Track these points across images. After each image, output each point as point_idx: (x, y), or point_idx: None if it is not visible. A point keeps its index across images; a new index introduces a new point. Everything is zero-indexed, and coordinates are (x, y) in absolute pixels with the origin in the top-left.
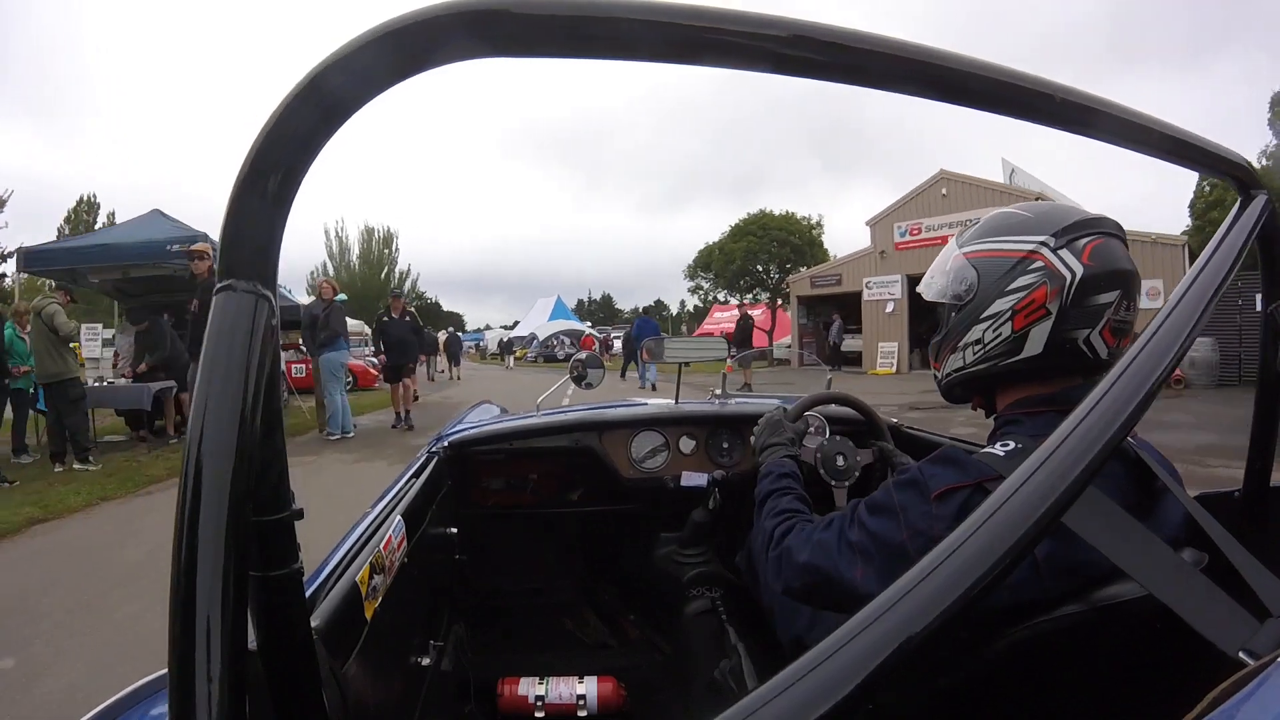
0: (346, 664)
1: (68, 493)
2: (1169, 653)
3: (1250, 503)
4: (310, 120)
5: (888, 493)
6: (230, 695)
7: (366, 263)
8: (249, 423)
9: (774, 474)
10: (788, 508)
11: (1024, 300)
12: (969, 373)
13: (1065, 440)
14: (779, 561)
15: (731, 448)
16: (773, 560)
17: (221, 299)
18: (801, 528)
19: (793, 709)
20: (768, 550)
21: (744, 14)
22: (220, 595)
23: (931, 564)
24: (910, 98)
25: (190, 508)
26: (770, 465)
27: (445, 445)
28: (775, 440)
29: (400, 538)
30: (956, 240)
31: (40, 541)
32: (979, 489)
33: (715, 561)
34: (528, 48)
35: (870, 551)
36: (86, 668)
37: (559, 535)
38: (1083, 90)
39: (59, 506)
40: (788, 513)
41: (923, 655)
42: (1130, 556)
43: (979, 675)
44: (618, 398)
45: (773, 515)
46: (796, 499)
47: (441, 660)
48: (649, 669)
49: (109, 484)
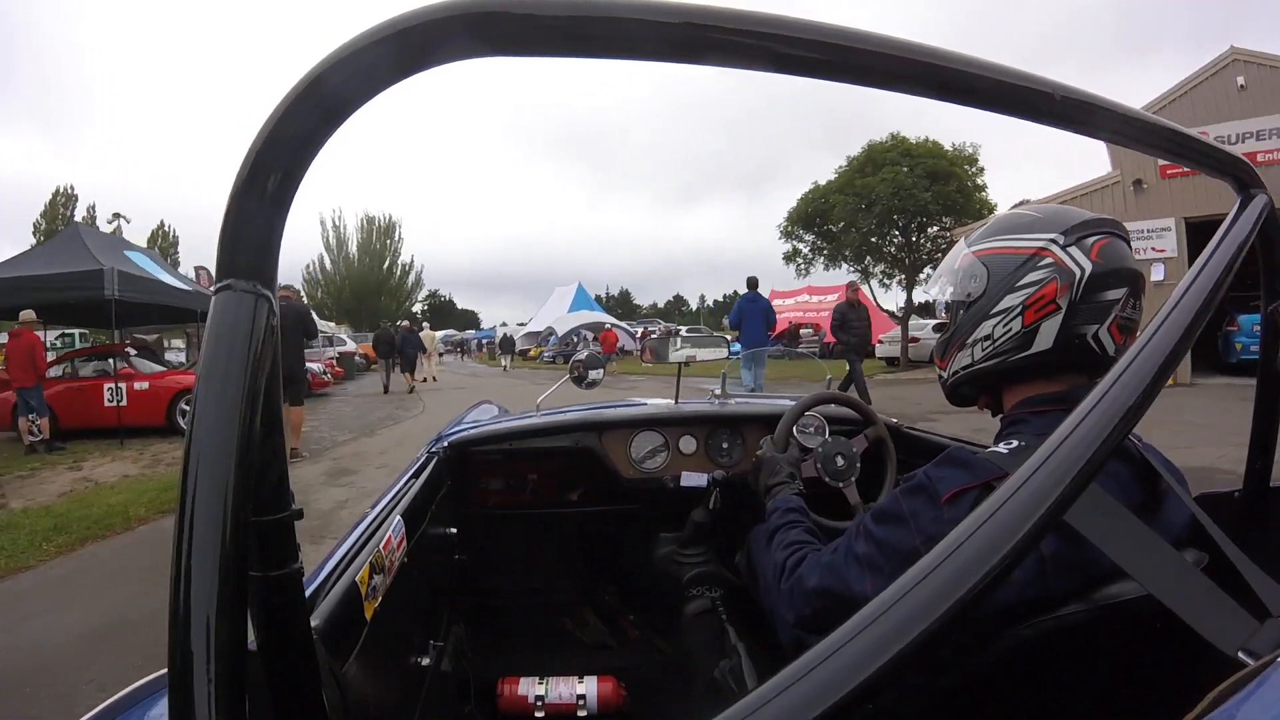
0: (346, 664)
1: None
2: (1169, 653)
3: (1250, 503)
4: (310, 120)
5: (895, 500)
6: (230, 695)
7: (367, 253)
8: (249, 423)
9: (780, 510)
10: (796, 539)
11: (1034, 295)
12: (977, 369)
13: (1068, 438)
14: (791, 593)
15: (731, 448)
16: (785, 593)
17: (221, 299)
18: (811, 556)
19: (793, 709)
20: (779, 583)
21: (744, 13)
22: (220, 595)
23: (932, 563)
24: (913, 97)
25: (190, 508)
26: (775, 503)
27: (445, 445)
28: (775, 481)
29: (400, 538)
30: (965, 240)
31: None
32: (987, 488)
33: (715, 561)
34: (527, 47)
35: (879, 562)
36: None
37: (559, 535)
38: (1083, 89)
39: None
40: (797, 544)
41: (924, 654)
42: (1131, 555)
43: (980, 675)
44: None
45: (782, 548)
46: (805, 531)
47: (441, 660)
48: (649, 669)
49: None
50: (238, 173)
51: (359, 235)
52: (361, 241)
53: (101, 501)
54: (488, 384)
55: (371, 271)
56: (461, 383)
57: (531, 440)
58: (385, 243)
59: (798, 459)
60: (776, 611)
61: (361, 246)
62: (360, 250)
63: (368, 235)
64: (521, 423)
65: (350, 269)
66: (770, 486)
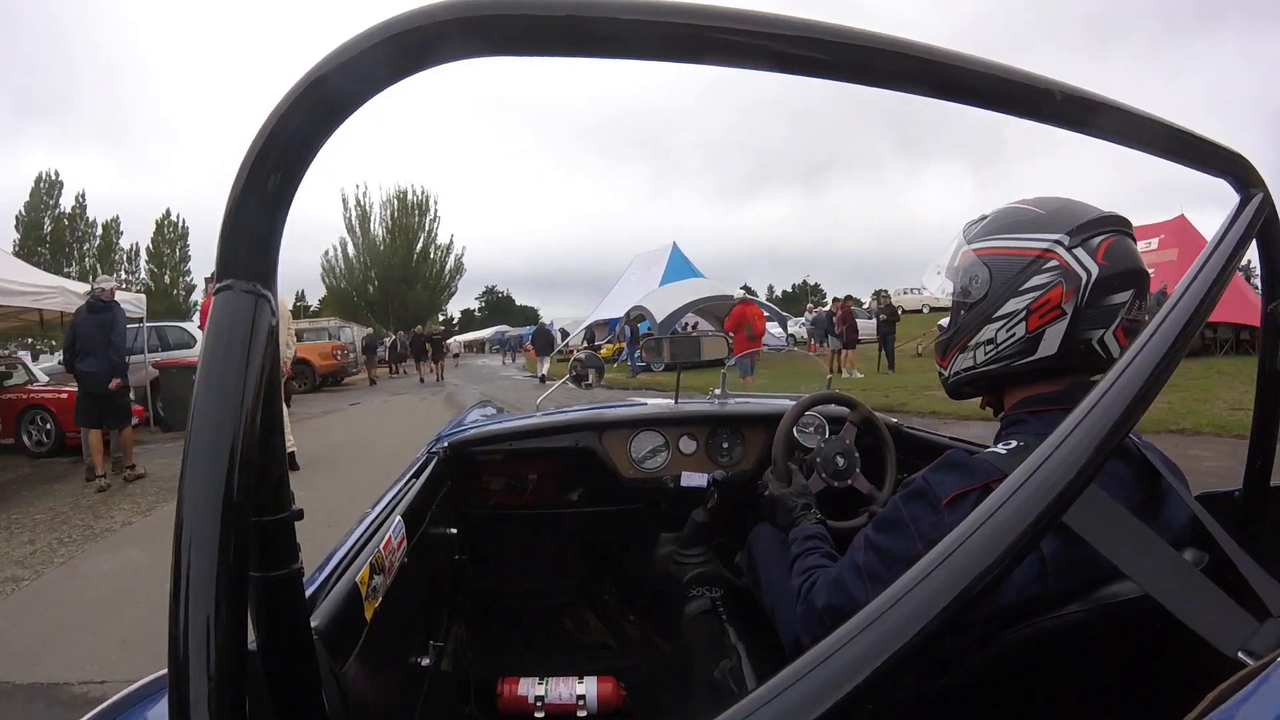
0: (346, 664)
1: None
2: (1169, 653)
3: (1250, 503)
4: (310, 120)
5: (895, 507)
6: (230, 695)
7: (400, 231)
8: (248, 423)
9: (799, 539)
10: (813, 564)
11: (1039, 300)
12: (979, 372)
13: (1066, 439)
14: (805, 617)
15: (731, 448)
16: (800, 618)
17: (221, 299)
18: (821, 577)
19: (793, 709)
20: (796, 607)
21: (744, 13)
22: (220, 595)
23: (932, 564)
24: (915, 96)
25: (190, 508)
26: (795, 533)
27: (445, 446)
28: (791, 519)
29: (400, 538)
30: (965, 235)
31: None
32: (986, 490)
33: (715, 561)
34: (526, 47)
35: (879, 572)
36: None
37: (559, 535)
38: (1083, 88)
39: None
40: (811, 569)
41: (924, 655)
42: (1129, 556)
43: (980, 675)
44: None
45: (799, 574)
46: (823, 555)
47: (441, 660)
48: (649, 669)
49: None
50: (237, 173)
51: (385, 213)
52: (392, 219)
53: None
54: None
55: (399, 256)
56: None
57: (532, 440)
58: (417, 219)
59: (804, 485)
60: (794, 635)
61: (391, 227)
62: (388, 231)
63: (400, 210)
64: (521, 423)
65: (374, 254)
66: (789, 524)
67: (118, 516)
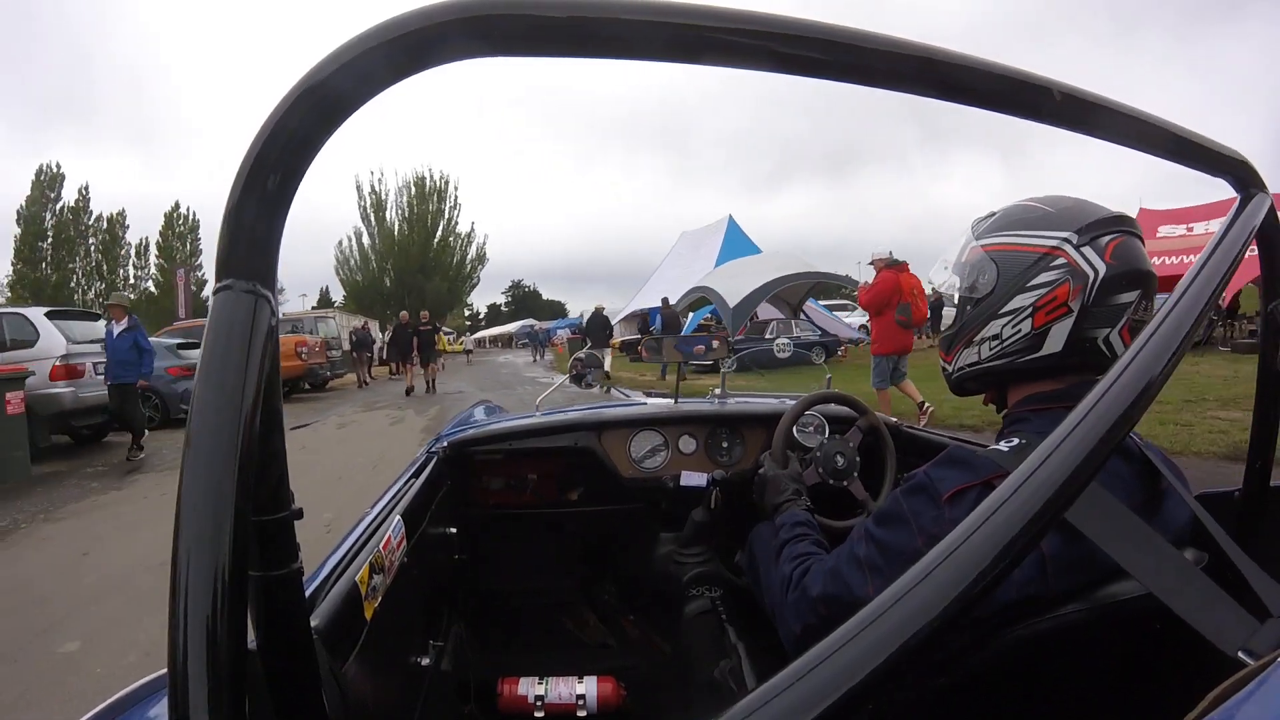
0: (346, 664)
1: None
2: (1169, 652)
3: (1250, 503)
4: (310, 120)
5: (895, 501)
6: (230, 695)
7: (418, 219)
8: (248, 423)
9: (787, 524)
10: (803, 551)
11: (1045, 297)
12: (984, 368)
13: (1068, 436)
14: (797, 604)
15: (731, 447)
16: (791, 604)
17: (220, 299)
18: (815, 565)
19: (793, 709)
20: (787, 594)
21: (744, 13)
22: (220, 595)
23: (932, 562)
24: (916, 96)
25: (190, 507)
26: (783, 519)
27: (445, 445)
28: (780, 499)
29: (400, 538)
30: (973, 230)
31: None
32: (988, 486)
33: (715, 561)
34: (526, 47)
35: (880, 564)
36: None
37: (559, 535)
38: (1083, 89)
39: None
40: (803, 556)
41: (924, 654)
42: (1131, 554)
43: (980, 674)
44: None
45: (789, 560)
46: (813, 543)
47: (441, 660)
48: (649, 669)
49: None
50: (237, 173)
51: (401, 200)
52: (409, 206)
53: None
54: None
55: (417, 245)
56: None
57: (531, 440)
58: (436, 206)
59: (799, 472)
60: (785, 623)
61: (408, 215)
62: (405, 219)
63: (418, 195)
64: (521, 422)
65: (390, 243)
66: (776, 505)
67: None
